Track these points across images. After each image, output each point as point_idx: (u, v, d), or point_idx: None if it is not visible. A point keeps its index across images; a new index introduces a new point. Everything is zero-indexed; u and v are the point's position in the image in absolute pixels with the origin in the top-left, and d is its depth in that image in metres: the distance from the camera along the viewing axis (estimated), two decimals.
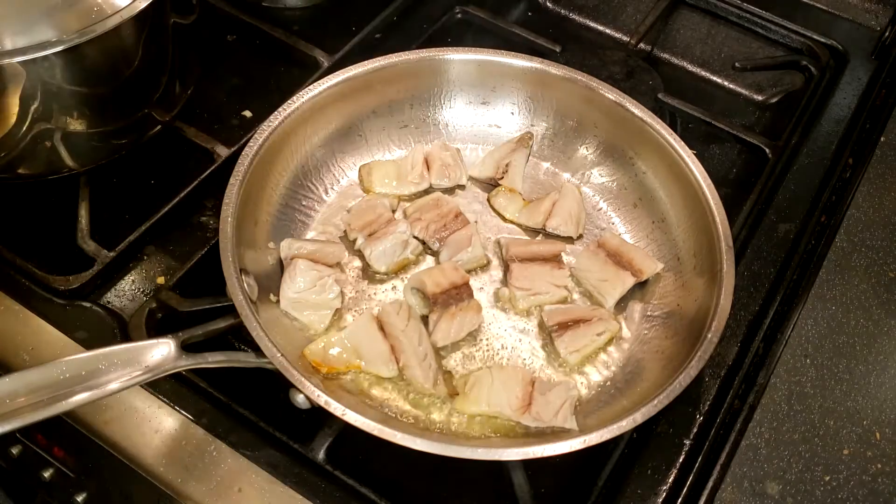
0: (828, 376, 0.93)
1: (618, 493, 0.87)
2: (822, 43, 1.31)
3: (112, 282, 1.03)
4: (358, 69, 1.09)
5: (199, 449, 0.88)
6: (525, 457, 0.79)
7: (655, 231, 1.08)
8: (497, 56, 1.13)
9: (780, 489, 0.85)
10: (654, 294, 1.03)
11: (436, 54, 1.13)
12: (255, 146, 0.99)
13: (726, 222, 0.98)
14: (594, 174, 1.15)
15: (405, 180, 1.11)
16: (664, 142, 1.06)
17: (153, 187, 1.14)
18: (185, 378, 0.92)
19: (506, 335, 1.00)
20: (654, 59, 1.41)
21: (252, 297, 0.90)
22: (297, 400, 0.84)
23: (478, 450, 0.80)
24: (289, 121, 1.04)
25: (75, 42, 0.92)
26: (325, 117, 1.09)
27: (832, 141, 1.18)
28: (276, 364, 0.83)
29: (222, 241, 0.91)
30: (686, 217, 1.04)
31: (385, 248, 1.03)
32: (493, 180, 1.13)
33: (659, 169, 1.08)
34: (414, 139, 1.17)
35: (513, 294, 1.02)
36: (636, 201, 1.11)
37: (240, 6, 1.33)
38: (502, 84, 1.16)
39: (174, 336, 0.81)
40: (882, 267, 1.02)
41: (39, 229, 1.10)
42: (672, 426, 0.91)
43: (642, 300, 1.03)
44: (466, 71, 1.14)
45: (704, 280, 0.97)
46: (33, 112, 0.97)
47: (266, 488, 0.86)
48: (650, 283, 1.04)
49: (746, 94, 1.38)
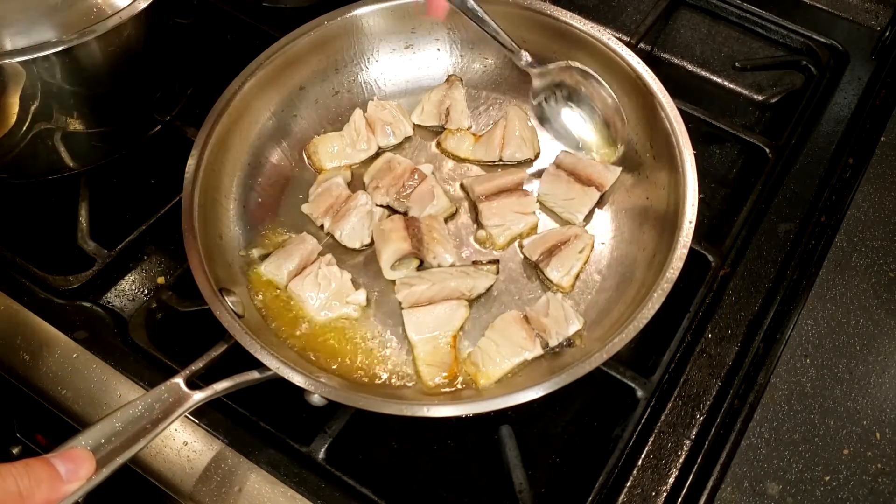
0: (828, 376, 0.93)
1: (618, 492, 0.87)
2: (822, 43, 1.31)
3: (112, 282, 1.03)
4: (271, 52, 1.08)
5: (199, 449, 0.88)
6: (557, 386, 0.82)
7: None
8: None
9: (780, 489, 0.85)
10: (621, 194, 1.07)
11: (344, 12, 1.12)
12: (191, 170, 0.98)
13: (668, 97, 1.02)
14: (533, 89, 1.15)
15: (353, 149, 1.12)
16: (593, 40, 1.08)
17: (153, 187, 1.14)
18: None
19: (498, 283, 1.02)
20: (655, 59, 1.41)
21: (239, 313, 0.91)
22: (311, 399, 0.84)
23: (516, 395, 0.82)
24: (220, 129, 1.02)
25: (75, 42, 0.93)
26: (255, 110, 1.08)
27: (832, 141, 1.18)
28: (282, 374, 0.83)
29: (194, 269, 0.90)
30: (632, 108, 1.07)
31: (353, 224, 1.04)
32: (439, 127, 1.14)
33: (594, 69, 1.09)
34: (349, 103, 1.16)
35: (489, 233, 1.04)
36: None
37: (240, 6, 1.33)
38: (420, 23, 1.16)
39: (180, 375, 0.81)
40: (882, 267, 1.02)
41: (39, 229, 1.10)
42: (672, 426, 0.91)
43: (611, 204, 1.07)
44: (381, 20, 1.14)
45: (666, 167, 1.00)
46: (33, 112, 0.97)
47: (266, 488, 0.86)
48: (614, 185, 1.07)
49: (746, 94, 1.38)
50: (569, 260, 1.00)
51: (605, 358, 0.83)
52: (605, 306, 0.98)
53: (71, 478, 0.66)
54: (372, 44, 1.16)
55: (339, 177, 1.08)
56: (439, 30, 1.17)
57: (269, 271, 0.99)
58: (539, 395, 0.82)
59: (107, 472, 0.71)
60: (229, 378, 0.83)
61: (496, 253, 1.05)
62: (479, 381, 0.92)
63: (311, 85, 1.14)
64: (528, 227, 1.06)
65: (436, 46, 1.18)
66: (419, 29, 1.16)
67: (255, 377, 0.85)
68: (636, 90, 1.06)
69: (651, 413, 0.92)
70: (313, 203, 1.06)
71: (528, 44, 1.13)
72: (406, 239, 0.99)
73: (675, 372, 0.95)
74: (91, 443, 0.72)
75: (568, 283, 1.00)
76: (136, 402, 0.77)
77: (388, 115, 1.13)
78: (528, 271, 1.03)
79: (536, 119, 1.12)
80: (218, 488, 0.86)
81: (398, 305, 0.98)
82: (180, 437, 0.89)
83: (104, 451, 0.72)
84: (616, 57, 1.06)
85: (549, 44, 1.13)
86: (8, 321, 0.97)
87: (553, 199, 1.07)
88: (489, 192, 1.06)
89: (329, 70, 1.15)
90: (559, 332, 0.93)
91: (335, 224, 1.04)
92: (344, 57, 1.15)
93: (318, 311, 0.97)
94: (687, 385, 0.94)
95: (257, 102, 1.08)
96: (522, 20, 1.13)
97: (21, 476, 0.62)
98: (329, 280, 0.98)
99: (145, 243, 1.06)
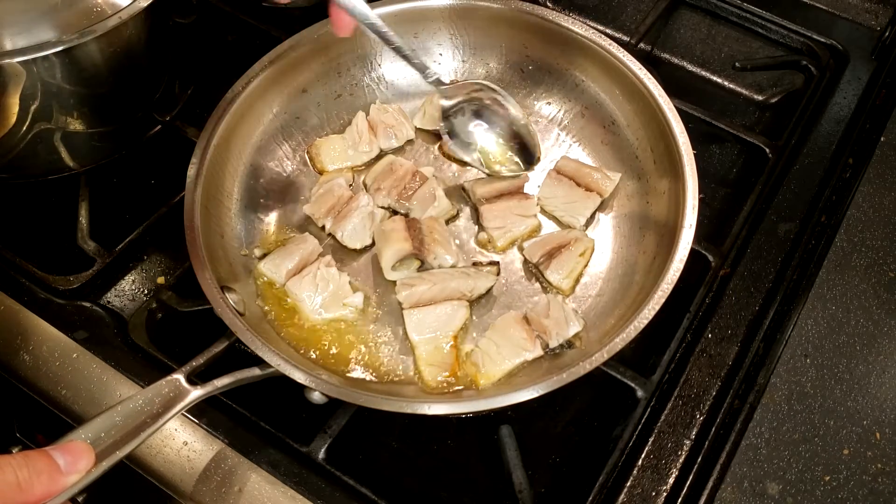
0: (828, 376, 0.93)
1: (618, 492, 0.87)
2: (822, 43, 1.31)
3: (112, 282, 1.03)
4: (275, 54, 1.08)
5: (199, 449, 0.88)
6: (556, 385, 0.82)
7: (608, 135, 1.12)
8: (410, 3, 1.13)
9: (780, 489, 0.85)
10: (622, 199, 1.07)
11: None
12: (193, 169, 0.98)
13: (670, 102, 1.02)
14: (535, 95, 1.17)
15: (355, 151, 1.12)
16: (594, 45, 1.08)
17: (153, 187, 1.14)
18: None
19: (499, 285, 1.02)
20: (655, 59, 1.41)
21: (241, 311, 0.91)
22: (312, 397, 0.85)
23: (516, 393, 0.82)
24: (222, 130, 1.02)
25: (75, 42, 0.93)
26: (258, 112, 1.09)
27: (832, 141, 1.18)
28: (283, 371, 0.83)
29: (196, 267, 0.90)
30: (633, 113, 1.08)
31: (354, 224, 1.04)
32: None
33: (595, 74, 1.11)
34: (351, 106, 1.17)
35: (490, 235, 1.04)
36: (582, 111, 1.14)
37: (240, 6, 1.33)
38: (423, 29, 1.16)
39: (180, 370, 0.81)
40: (882, 267, 1.02)
41: (39, 229, 1.10)
42: (672, 426, 0.91)
43: (612, 207, 1.07)
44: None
45: (667, 171, 1.01)
46: (33, 112, 0.98)
47: (266, 488, 0.86)
48: (615, 189, 1.07)
49: (746, 94, 1.38)
50: (569, 263, 1.01)
51: (605, 358, 0.83)
52: (604, 309, 0.99)
53: (70, 470, 0.66)
54: (375, 48, 1.16)
55: (341, 178, 1.08)
56: (441, 35, 1.17)
57: (267, 269, 0.99)
58: (539, 394, 0.82)
59: (106, 466, 0.71)
60: (230, 374, 0.83)
61: (496, 255, 1.05)
62: (480, 381, 0.92)
63: (314, 88, 1.14)
64: (529, 229, 1.06)
65: (438, 51, 1.18)
66: (422, 34, 1.16)
67: (257, 374, 0.85)
68: (637, 95, 1.06)
69: (651, 413, 0.92)
70: (315, 203, 1.06)
71: (530, 49, 1.15)
72: (407, 240, 0.99)
73: (675, 372, 0.95)
74: (91, 436, 0.72)
75: (568, 286, 1.00)
76: (137, 397, 0.77)
77: (391, 118, 1.13)
78: (529, 273, 1.03)
79: (445, 134, 1.09)
80: (218, 488, 0.86)
81: (399, 306, 0.98)
82: (180, 437, 0.89)
83: (104, 445, 0.72)
84: (618, 63, 1.06)
85: (550, 49, 1.14)
86: (8, 321, 0.97)
87: (554, 203, 1.07)
88: (490, 194, 1.06)
89: (332, 73, 1.15)
90: (559, 333, 0.93)
91: (337, 225, 1.04)
92: (347, 60, 1.16)
93: (314, 312, 0.97)
94: (687, 385, 0.94)
95: (260, 104, 1.08)
96: (523, 26, 1.13)
97: (20, 467, 0.62)
98: (327, 281, 0.98)
99: (145, 243, 1.06)
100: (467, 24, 1.15)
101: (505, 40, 1.15)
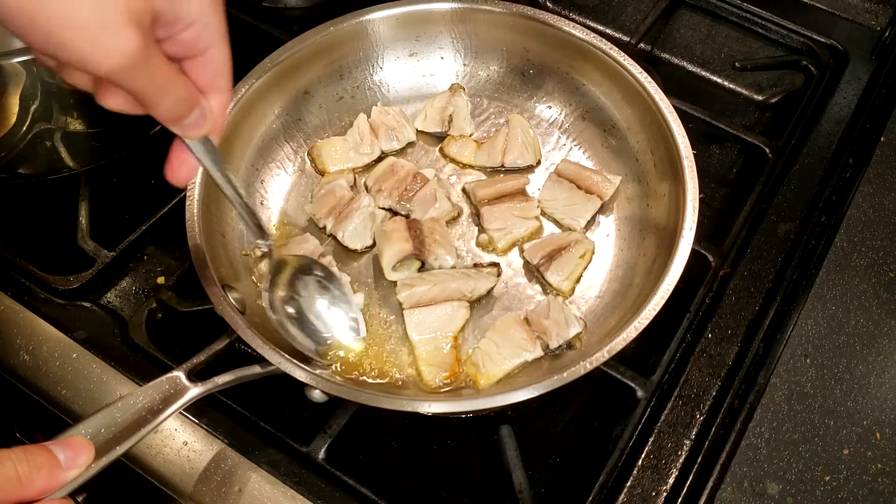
0: (828, 376, 0.93)
1: (618, 492, 0.87)
2: (822, 43, 1.31)
3: (112, 282, 1.03)
4: (277, 55, 1.08)
5: (199, 449, 0.88)
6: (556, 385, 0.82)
7: (609, 138, 1.12)
8: (412, 5, 1.13)
9: (780, 489, 0.85)
10: (622, 201, 1.08)
11: (351, 19, 1.12)
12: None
13: (670, 106, 1.02)
14: (536, 98, 1.17)
15: (356, 153, 1.12)
16: (595, 49, 1.08)
17: (153, 187, 1.14)
18: None
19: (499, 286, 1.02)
20: (655, 59, 1.41)
21: (242, 310, 0.91)
22: (312, 396, 0.85)
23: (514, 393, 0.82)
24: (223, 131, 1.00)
25: None
26: (260, 113, 1.09)
27: (832, 141, 1.18)
28: (284, 369, 0.83)
29: (197, 265, 0.90)
30: (634, 116, 1.08)
31: (356, 225, 1.04)
32: (442, 133, 1.15)
33: (596, 78, 1.11)
34: (352, 108, 1.17)
35: (491, 237, 1.05)
36: (583, 114, 1.14)
37: (240, 6, 1.33)
38: (425, 32, 1.16)
39: (181, 368, 0.81)
40: (882, 267, 1.02)
41: (39, 229, 1.10)
42: (672, 426, 0.91)
43: (612, 210, 1.08)
44: (386, 27, 1.14)
45: (667, 175, 1.01)
46: (33, 112, 0.97)
47: (266, 488, 0.86)
48: (615, 192, 1.08)
49: (746, 94, 1.38)
50: (569, 264, 1.01)
51: (605, 358, 0.83)
52: (605, 311, 0.99)
53: (70, 465, 0.66)
54: (377, 50, 1.16)
55: (343, 179, 1.09)
56: (443, 38, 1.17)
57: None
58: (539, 393, 0.82)
59: (106, 461, 0.71)
60: (230, 372, 0.83)
61: (497, 257, 1.05)
62: (480, 381, 0.92)
63: (316, 90, 1.14)
64: (530, 231, 1.06)
65: (440, 55, 1.18)
66: (423, 37, 1.16)
67: (257, 371, 0.85)
68: (638, 99, 1.06)
69: (651, 413, 0.93)
70: (316, 204, 1.06)
71: (531, 53, 1.15)
72: (408, 240, 0.99)
73: (675, 372, 0.95)
74: (91, 431, 0.72)
75: (568, 288, 1.01)
76: (136, 393, 0.77)
77: (392, 120, 1.13)
78: (529, 275, 1.03)
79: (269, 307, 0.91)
80: (218, 488, 0.86)
81: (399, 306, 0.98)
82: (180, 437, 0.89)
83: (103, 440, 0.72)
84: (618, 66, 1.06)
85: (551, 53, 1.13)
86: (8, 321, 0.97)
87: (555, 206, 1.07)
88: (491, 196, 1.06)
89: (334, 75, 1.15)
90: (560, 334, 0.93)
91: (337, 225, 1.04)
92: (349, 63, 1.15)
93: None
94: (687, 385, 0.94)
95: (262, 105, 1.08)
96: (525, 30, 1.13)
97: (20, 462, 0.62)
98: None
99: (145, 243, 1.06)
100: (469, 28, 1.15)
101: (506, 44, 1.16)
